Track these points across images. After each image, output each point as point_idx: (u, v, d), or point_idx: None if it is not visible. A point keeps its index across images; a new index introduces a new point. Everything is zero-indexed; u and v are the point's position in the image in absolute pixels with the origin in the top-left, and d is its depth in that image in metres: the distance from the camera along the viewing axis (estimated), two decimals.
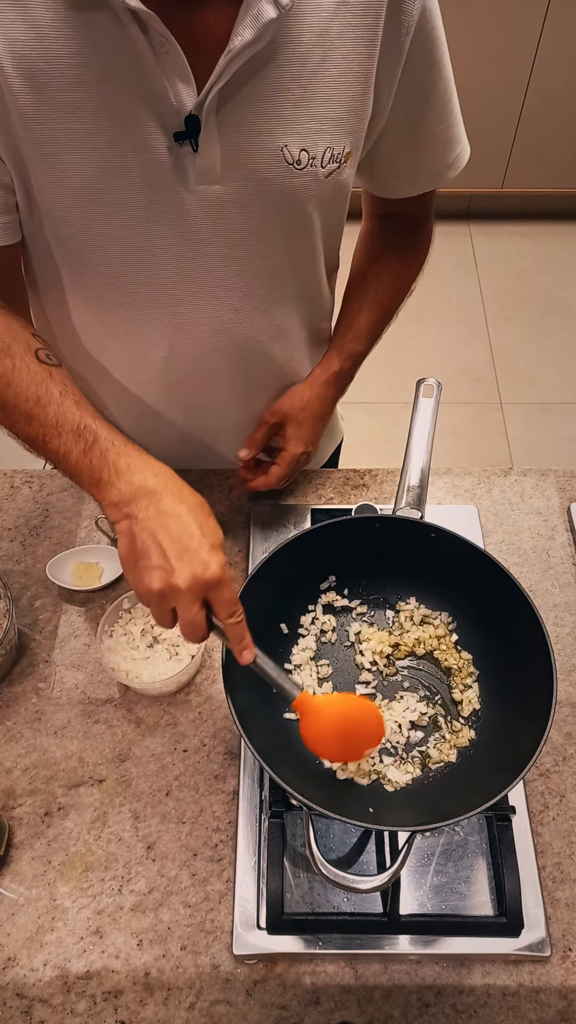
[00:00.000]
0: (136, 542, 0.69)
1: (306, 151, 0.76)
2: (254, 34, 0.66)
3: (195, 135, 0.72)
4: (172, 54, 0.68)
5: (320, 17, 0.71)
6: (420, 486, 0.89)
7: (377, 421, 2.42)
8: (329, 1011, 0.74)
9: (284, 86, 0.72)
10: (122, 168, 0.73)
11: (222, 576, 0.68)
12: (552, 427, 2.51)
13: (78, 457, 0.74)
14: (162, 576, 0.67)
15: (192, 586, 0.67)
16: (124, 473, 0.72)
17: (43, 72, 0.68)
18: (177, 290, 0.84)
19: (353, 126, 0.78)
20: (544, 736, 0.70)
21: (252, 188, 0.77)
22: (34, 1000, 0.74)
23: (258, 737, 0.73)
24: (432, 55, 0.79)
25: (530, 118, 2.66)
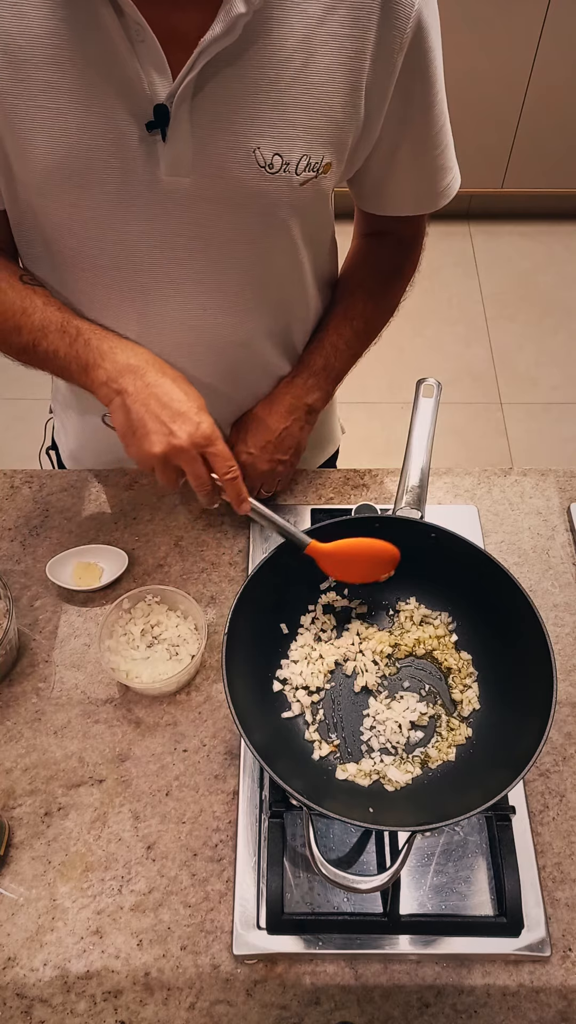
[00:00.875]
0: (131, 414, 0.78)
1: (280, 156, 0.76)
2: (224, 27, 0.67)
3: (164, 125, 0.72)
4: (147, 43, 0.68)
5: (304, 23, 0.71)
6: (420, 486, 0.89)
7: (377, 421, 2.42)
8: (329, 1011, 0.74)
9: (261, 87, 0.72)
10: (94, 150, 0.74)
11: (213, 432, 0.77)
12: (552, 427, 2.51)
13: (66, 351, 0.83)
14: (161, 439, 0.76)
15: (191, 442, 0.76)
16: (108, 354, 0.81)
17: (21, 49, 0.69)
18: (147, 278, 0.85)
19: (335, 137, 0.77)
20: (544, 736, 0.70)
21: (222, 185, 0.77)
22: (34, 1000, 0.74)
23: (258, 737, 0.74)
24: (427, 74, 0.79)
25: (530, 118, 2.66)
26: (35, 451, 1.32)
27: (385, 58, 0.74)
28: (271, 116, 0.74)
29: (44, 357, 0.84)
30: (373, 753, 0.83)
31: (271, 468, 1.01)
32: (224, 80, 0.71)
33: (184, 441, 0.76)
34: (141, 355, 0.81)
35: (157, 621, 0.93)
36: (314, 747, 0.83)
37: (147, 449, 0.77)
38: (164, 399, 0.77)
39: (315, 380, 1.00)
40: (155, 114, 0.72)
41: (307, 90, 0.73)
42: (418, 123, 0.83)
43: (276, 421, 1.00)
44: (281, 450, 1.00)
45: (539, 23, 2.43)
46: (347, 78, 0.74)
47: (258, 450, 0.99)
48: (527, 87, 2.59)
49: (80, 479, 1.11)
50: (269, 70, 0.72)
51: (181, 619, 0.93)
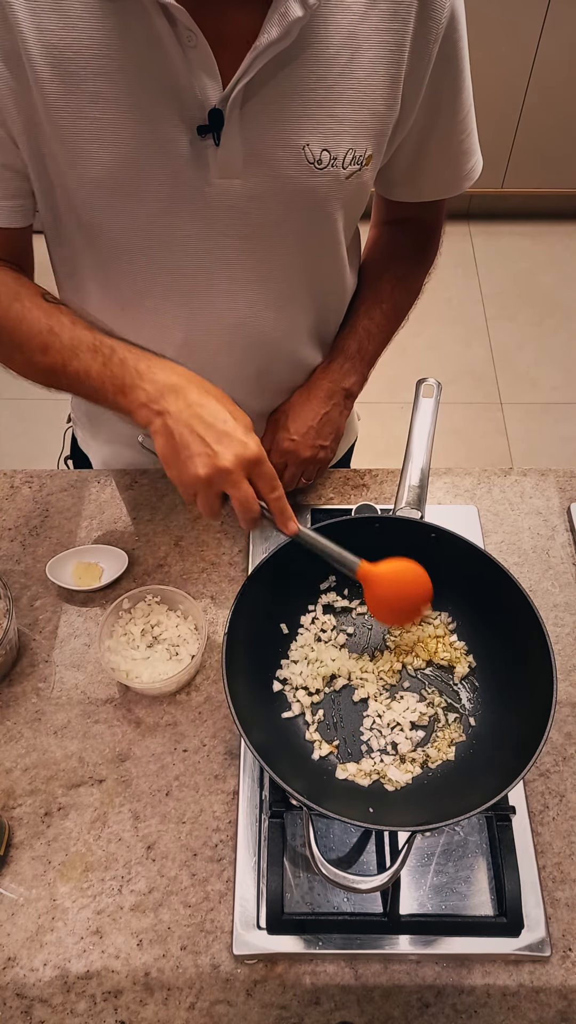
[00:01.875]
0: (174, 435, 0.73)
1: (328, 151, 0.76)
2: (280, 32, 0.67)
3: (218, 129, 0.72)
4: (199, 48, 0.68)
5: (349, 19, 0.71)
6: (420, 486, 0.89)
7: (377, 421, 2.41)
8: (329, 1011, 0.74)
9: (310, 85, 0.73)
10: (144, 159, 0.74)
11: (261, 453, 0.73)
12: (552, 427, 2.51)
13: (99, 371, 0.78)
14: (206, 461, 0.71)
15: (237, 464, 0.71)
16: (147, 374, 0.76)
17: (70, 61, 0.69)
18: (194, 281, 0.85)
19: (377, 130, 0.78)
20: (544, 736, 0.70)
21: (272, 184, 0.77)
22: (34, 1000, 0.74)
23: (258, 737, 0.73)
24: (457, 63, 0.80)
25: (530, 118, 2.66)
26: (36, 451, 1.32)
27: (422, 48, 0.75)
28: (319, 113, 0.74)
29: (74, 378, 0.80)
30: (373, 753, 0.83)
31: (313, 454, 1.01)
32: (274, 80, 0.72)
33: (230, 462, 0.71)
34: (182, 374, 0.76)
35: (157, 621, 0.93)
36: (314, 747, 0.83)
37: (191, 471, 0.72)
38: (208, 419, 0.72)
39: (351, 364, 1.01)
40: (210, 119, 0.72)
41: (352, 85, 0.74)
42: (448, 110, 0.83)
43: (316, 407, 1.00)
44: (322, 436, 1.01)
45: (539, 23, 2.43)
46: (388, 70, 0.75)
47: (300, 436, 1.00)
48: (527, 87, 2.59)
49: (80, 479, 1.11)
50: (317, 68, 0.72)
51: (181, 619, 0.93)
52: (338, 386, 1.02)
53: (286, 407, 1.02)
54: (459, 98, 0.84)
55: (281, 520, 0.76)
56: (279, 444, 1.00)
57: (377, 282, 1.03)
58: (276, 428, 1.02)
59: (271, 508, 0.75)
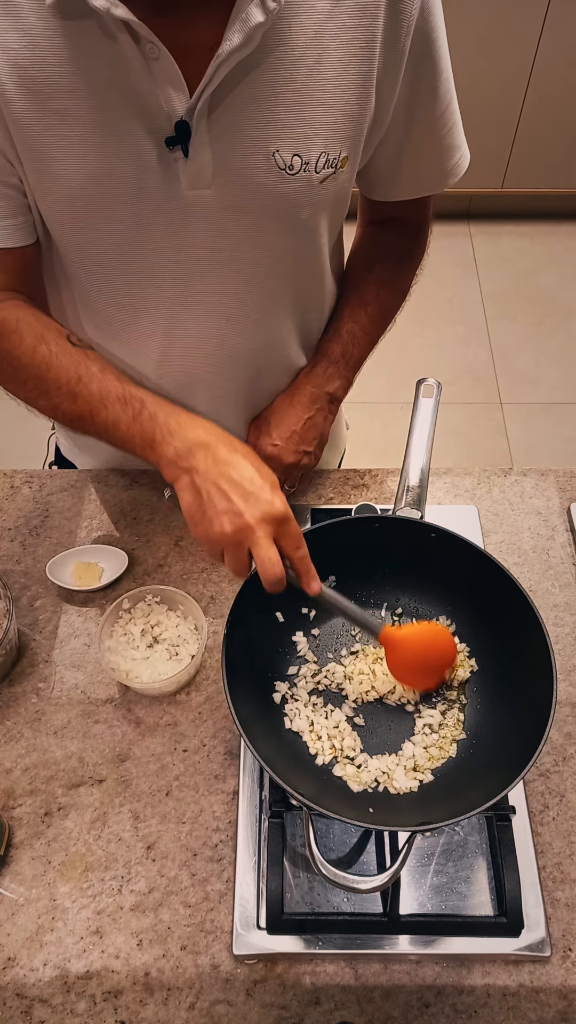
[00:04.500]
0: (201, 493, 0.73)
1: (299, 156, 0.75)
2: (242, 38, 0.66)
3: (186, 140, 0.72)
4: (162, 60, 0.68)
5: (314, 19, 0.70)
6: (420, 486, 0.89)
7: (377, 421, 2.42)
8: (329, 1011, 0.74)
9: (276, 90, 0.72)
10: (113, 174, 0.73)
11: (287, 512, 0.73)
12: (552, 427, 2.51)
13: (128, 424, 0.79)
14: (232, 519, 0.71)
15: (262, 523, 0.71)
16: (176, 431, 0.76)
17: (36, 80, 0.68)
18: (170, 296, 0.84)
19: (351, 131, 0.77)
20: (544, 736, 0.70)
21: (243, 193, 0.76)
22: (34, 1000, 0.74)
23: (258, 737, 0.73)
24: (433, 56, 0.78)
25: (530, 118, 2.66)
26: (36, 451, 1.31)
27: (393, 43, 0.74)
28: (288, 117, 0.73)
29: (102, 427, 0.81)
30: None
31: (297, 460, 0.99)
32: (240, 88, 0.71)
33: (256, 520, 0.71)
34: (211, 430, 0.76)
35: (157, 621, 0.93)
36: (314, 749, 0.83)
37: (217, 529, 0.71)
38: (236, 477, 0.72)
39: (335, 368, 1.00)
40: (177, 130, 0.71)
41: (321, 86, 0.73)
42: (426, 105, 0.82)
43: (299, 411, 0.99)
44: (306, 441, 0.99)
45: (539, 23, 2.42)
46: (359, 69, 0.73)
47: (283, 441, 0.98)
48: (527, 87, 2.58)
49: (80, 479, 1.11)
50: (283, 71, 0.71)
51: (181, 619, 0.93)
52: (322, 391, 1.00)
53: (268, 412, 1.01)
54: (437, 92, 0.82)
55: (305, 580, 0.75)
56: (262, 449, 0.98)
57: (362, 284, 1.01)
58: (258, 433, 1.00)
59: (295, 567, 0.74)
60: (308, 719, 0.84)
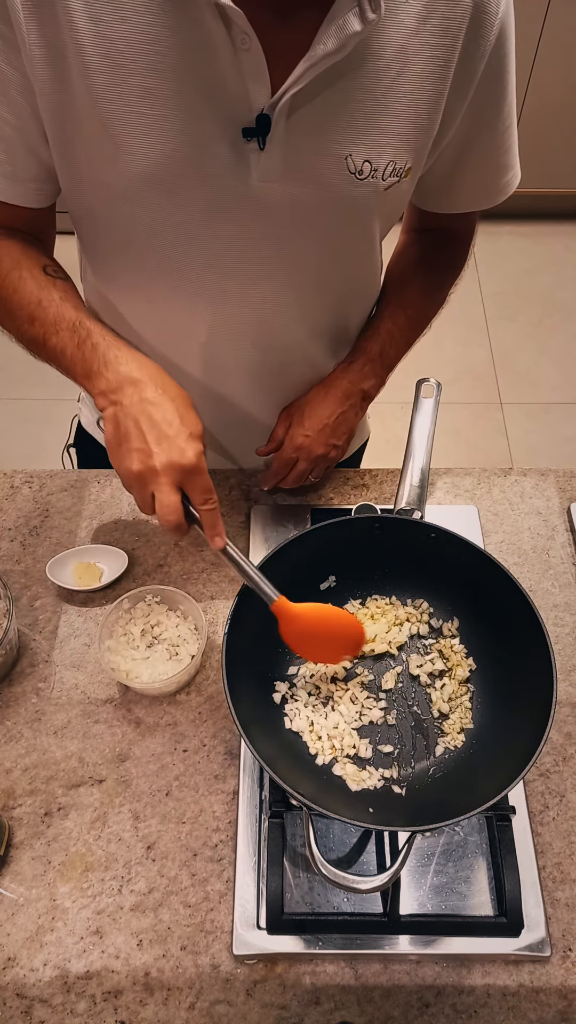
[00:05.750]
0: (120, 427, 0.75)
1: (369, 162, 0.77)
2: (336, 44, 0.67)
3: (264, 133, 0.72)
4: (252, 52, 0.68)
5: (402, 34, 0.71)
6: (420, 486, 0.89)
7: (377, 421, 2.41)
8: (329, 1011, 0.74)
9: (358, 97, 0.73)
10: (186, 157, 0.74)
11: (197, 463, 0.73)
12: (552, 427, 2.51)
13: (72, 351, 0.80)
14: (141, 458, 0.73)
15: (168, 469, 0.72)
16: (112, 363, 0.77)
17: (122, 54, 0.69)
18: (226, 280, 0.85)
19: (418, 143, 0.78)
20: (544, 736, 0.70)
21: (311, 192, 0.78)
22: (34, 1000, 0.74)
23: (258, 737, 0.74)
24: (502, 80, 0.80)
25: (530, 118, 2.66)
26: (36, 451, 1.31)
27: (468, 65, 0.75)
28: (364, 124, 0.74)
29: (52, 353, 0.83)
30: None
31: (326, 452, 1.01)
32: (324, 91, 0.72)
33: (162, 465, 0.72)
34: (146, 368, 0.77)
35: (157, 621, 0.93)
36: (314, 749, 0.83)
37: (126, 465, 0.74)
38: (155, 418, 0.74)
39: (371, 367, 1.01)
40: (257, 123, 0.72)
41: (398, 99, 0.74)
42: (489, 127, 0.83)
43: (333, 405, 1.00)
44: (336, 435, 1.01)
45: (539, 23, 2.42)
46: (434, 85, 0.75)
47: (315, 433, 0.99)
48: (527, 87, 2.58)
49: (80, 479, 1.11)
50: (366, 80, 0.72)
51: (181, 619, 0.93)
52: (356, 387, 1.01)
53: (302, 402, 1.02)
54: (500, 115, 0.83)
55: (209, 533, 0.76)
56: (293, 439, 1.00)
57: (404, 288, 1.03)
58: (291, 422, 1.02)
59: (201, 519, 0.75)
60: (308, 719, 0.84)
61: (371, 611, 0.91)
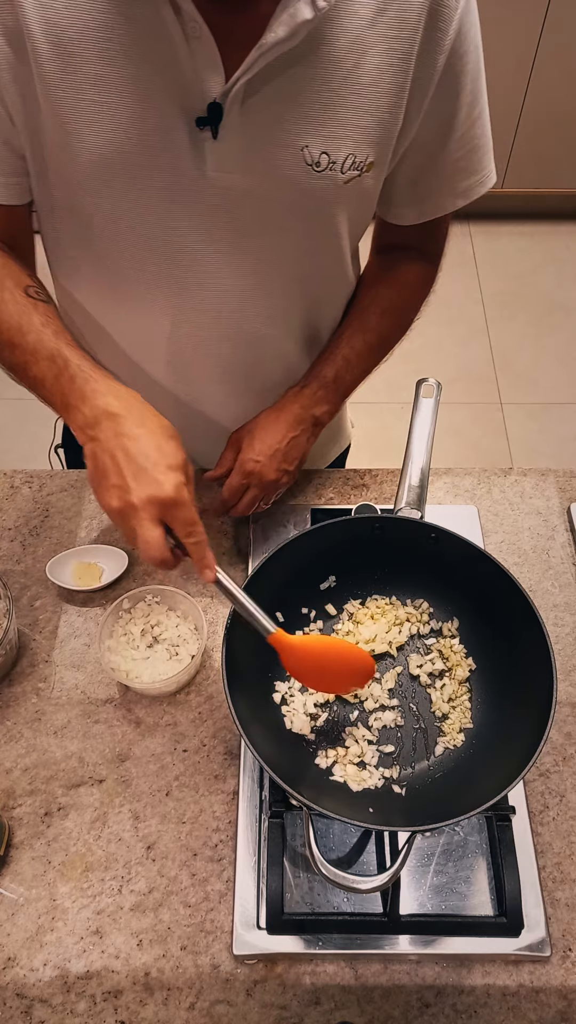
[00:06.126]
0: (98, 462, 0.73)
1: (327, 154, 0.76)
2: (287, 32, 0.67)
3: (216, 123, 0.72)
4: (203, 40, 0.68)
5: (357, 24, 0.71)
6: (420, 486, 0.89)
7: (377, 421, 2.42)
8: (329, 1011, 0.74)
9: (314, 88, 0.73)
10: (141, 145, 0.73)
11: (176, 496, 0.70)
12: (552, 427, 2.51)
13: (51, 382, 0.78)
14: (119, 494, 0.71)
15: (146, 504, 0.70)
16: (89, 397, 0.75)
17: (73, 41, 0.69)
18: (187, 272, 0.85)
19: (379, 137, 0.78)
20: (544, 736, 0.70)
21: (269, 183, 0.77)
22: (34, 1000, 0.74)
23: (258, 737, 0.73)
24: (464, 77, 0.79)
25: (530, 118, 2.66)
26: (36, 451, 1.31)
27: (428, 60, 0.75)
28: (321, 115, 0.74)
29: (33, 383, 0.80)
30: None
31: (277, 478, 0.97)
32: (277, 79, 0.72)
33: (140, 500, 0.69)
34: (123, 400, 0.74)
35: (157, 621, 0.93)
36: (316, 750, 0.83)
37: (106, 502, 0.71)
38: (131, 452, 0.71)
39: (324, 392, 0.99)
40: (209, 111, 0.72)
41: (356, 90, 0.74)
42: (452, 124, 0.82)
43: (284, 430, 0.97)
44: (288, 460, 0.97)
45: (539, 23, 2.42)
46: (394, 79, 0.74)
47: (266, 458, 0.96)
48: (527, 87, 2.58)
49: (80, 479, 1.11)
50: (321, 70, 0.72)
51: (181, 619, 0.93)
52: (308, 412, 0.98)
53: (252, 425, 0.98)
54: (464, 113, 0.82)
55: (198, 565, 0.73)
56: (243, 464, 0.95)
57: (365, 310, 1.00)
58: (240, 447, 0.98)
59: (189, 553, 0.73)
60: (308, 719, 0.84)
61: (371, 611, 0.91)
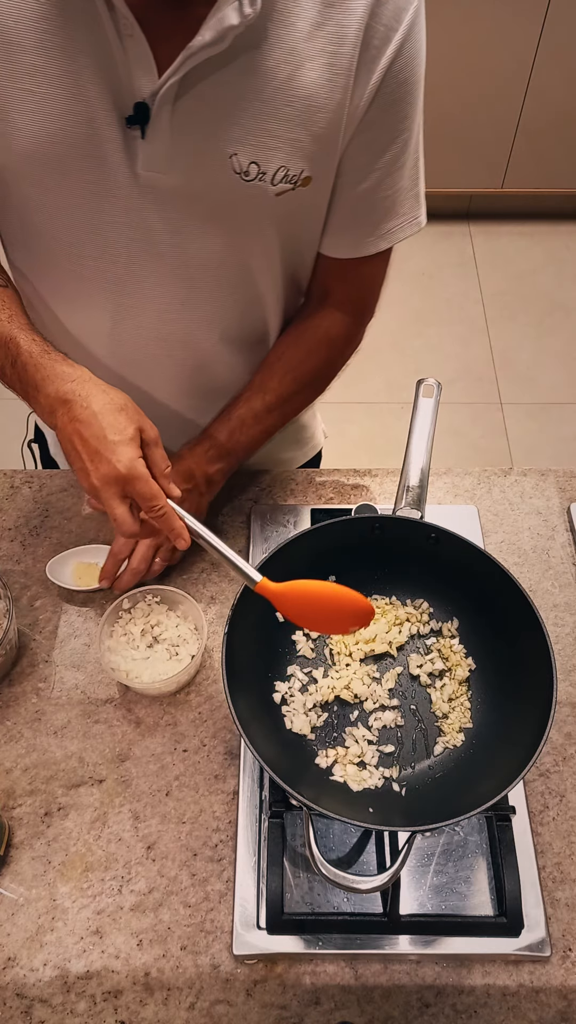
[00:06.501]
0: (64, 448, 0.75)
1: (256, 164, 0.76)
2: (213, 36, 0.67)
3: (144, 122, 0.72)
4: (135, 38, 0.69)
5: (292, 37, 0.71)
6: (420, 486, 0.89)
7: (377, 421, 2.42)
8: (329, 1011, 0.74)
9: (246, 97, 0.73)
10: (74, 138, 0.74)
11: (130, 472, 0.71)
12: (552, 427, 2.51)
13: (9, 370, 0.80)
14: (84, 476, 0.73)
15: (105, 484, 0.72)
16: (41, 386, 0.76)
17: (10, 31, 0.69)
18: (124, 270, 0.84)
19: (316, 152, 0.77)
20: (544, 736, 0.70)
21: (196, 187, 0.77)
22: (34, 1000, 0.74)
23: (258, 737, 0.74)
24: (399, 108, 0.78)
25: (530, 118, 2.66)
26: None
27: (363, 80, 0.74)
28: (251, 124, 0.74)
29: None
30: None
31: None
32: (208, 84, 0.72)
33: (100, 480, 0.71)
34: (72, 383, 0.75)
35: (157, 621, 0.93)
36: (316, 750, 0.83)
37: (82, 484, 0.74)
38: (85, 435, 0.72)
39: (216, 452, 0.97)
40: (135, 110, 0.72)
41: (290, 102, 0.73)
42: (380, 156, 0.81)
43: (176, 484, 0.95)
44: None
45: (539, 23, 2.42)
46: (331, 95, 0.74)
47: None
48: (527, 87, 2.58)
49: None
50: (253, 79, 0.72)
51: (181, 619, 0.93)
52: (200, 469, 0.96)
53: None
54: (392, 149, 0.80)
55: (170, 537, 0.74)
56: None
57: (269, 367, 0.98)
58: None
59: (156, 524, 0.73)
60: (308, 719, 0.84)
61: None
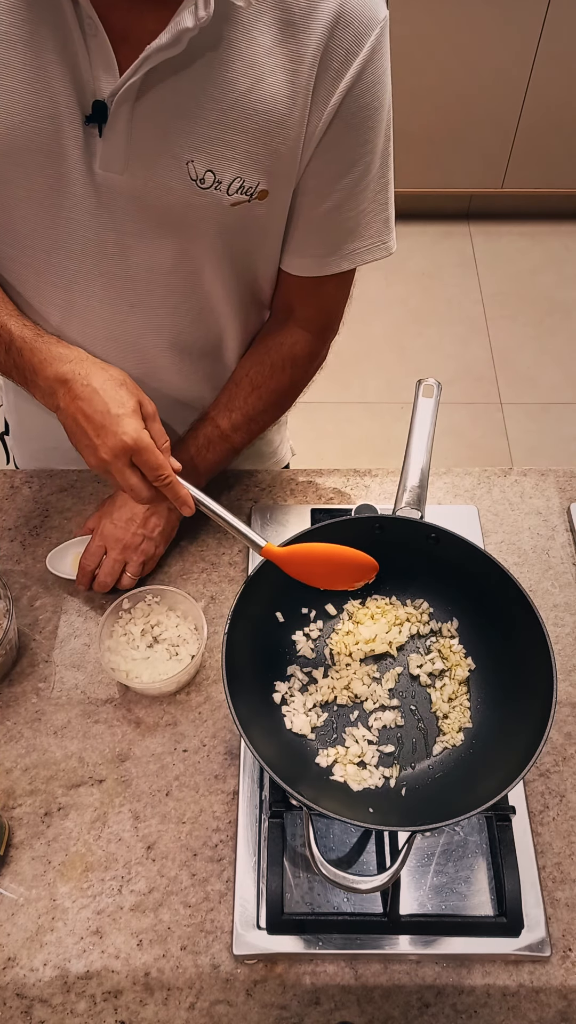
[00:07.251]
0: (68, 428, 0.78)
1: (212, 173, 0.76)
2: (170, 38, 0.68)
3: (102, 121, 0.73)
4: (98, 38, 0.69)
5: (254, 50, 0.72)
6: (420, 486, 0.89)
7: (377, 421, 2.42)
8: (329, 1011, 0.74)
9: (204, 105, 0.73)
10: (35, 131, 0.74)
11: (136, 442, 0.75)
12: (552, 427, 2.51)
13: (3, 357, 0.82)
14: (91, 453, 0.76)
15: (114, 457, 0.75)
16: (39, 369, 0.79)
17: None
18: (75, 267, 0.85)
19: (273, 166, 0.77)
20: (544, 736, 0.70)
21: (152, 190, 0.77)
22: (34, 1000, 0.74)
23: (258, 737, 0.74)
24: (361, 132, 0.78)
25: (530, 118, 2.66)
26: None
27: (322, 100, 0.75)
28: (208, 133, 0.74)
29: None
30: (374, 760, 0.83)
31: (137, 543, 0.97)
32: (167, 89, 0.72)
33: (108, 454, 0.75)
34: (69, 363, 0.78)
35: (157, 621, 0.93)
36: (316, 750, 0.83)
37: (88, 461, 0.77)
38: (88, 411, 0.75)
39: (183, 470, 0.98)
40: (93, 109, 0.73)
41: (248, 115, 0.74)
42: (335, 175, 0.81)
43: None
44: (146, 526, 0.97)
45: (539, 23, 2.42)
46: (291, 111, 0.74)
47: (123, 523, 0.96)
48: (527, 87, 2.58)
49: (80, 479, 1.11)
50: (213, 88, 0.72)
51: (181, 619, 0.93)
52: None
53: (116, 492, 1.00)
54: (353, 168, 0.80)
55: (176, 505, 0.78)
56: (102, 529, 0.97)
57: (236, 384, 0.98)
58: (102, 512, 0.99)
59: (164, 493, 0.77)
60: (308, 719, 0.84)
61: (371, 611, 0.91)
